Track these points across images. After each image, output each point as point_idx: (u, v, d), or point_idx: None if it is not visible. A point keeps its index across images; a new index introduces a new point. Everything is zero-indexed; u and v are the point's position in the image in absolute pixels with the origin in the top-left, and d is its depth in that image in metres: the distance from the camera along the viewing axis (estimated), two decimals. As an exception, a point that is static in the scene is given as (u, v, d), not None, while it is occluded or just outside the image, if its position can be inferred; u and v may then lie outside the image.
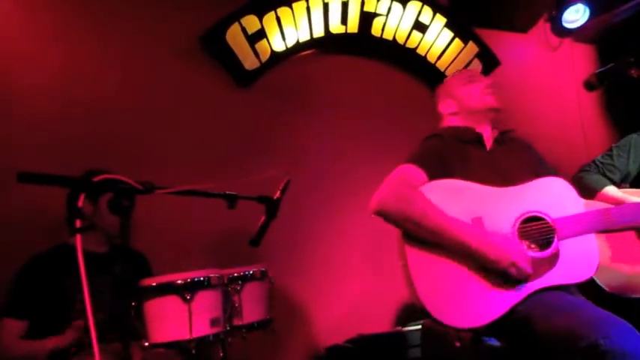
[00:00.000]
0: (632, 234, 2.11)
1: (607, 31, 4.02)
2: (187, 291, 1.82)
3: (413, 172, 1.85)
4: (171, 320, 1.82)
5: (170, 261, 2.40)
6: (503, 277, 1.70)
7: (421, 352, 2.20)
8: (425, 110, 3.54)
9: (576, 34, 4.01)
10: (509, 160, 1.98)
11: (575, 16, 3.83)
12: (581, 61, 4.18)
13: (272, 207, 1.92)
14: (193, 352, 1.83)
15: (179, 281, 1.83)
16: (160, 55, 2.96)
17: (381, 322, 3.18)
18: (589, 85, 1.92)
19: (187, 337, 1.80)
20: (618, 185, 2.38)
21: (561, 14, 3.84)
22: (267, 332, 2.36)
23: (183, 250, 2.71)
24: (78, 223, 1.50)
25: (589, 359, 1.43)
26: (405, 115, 3.48)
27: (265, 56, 3.08)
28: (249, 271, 2.07)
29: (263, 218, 1.95)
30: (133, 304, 1.84)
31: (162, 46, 2.97)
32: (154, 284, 1.85)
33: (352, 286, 3.20)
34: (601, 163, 2.41)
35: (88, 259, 1.44)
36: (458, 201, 1.77)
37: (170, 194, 1.67)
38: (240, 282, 2.05)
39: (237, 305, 2.04)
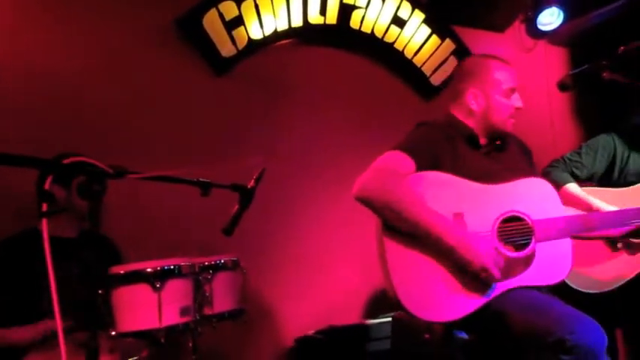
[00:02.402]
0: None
1: (580, 35, 4.09)
2: (157, 279, 1.79)
3: (401, 159, 1.81)
4: (140, 309, 1.79)
5: (141, 248, 2.35)
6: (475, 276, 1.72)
7: (391, 344, 2.21)
8: (401, 105, 3.59)
9: (551, 36, 4.07)
10: (500, 163, 1.96)
11: (550, 19, 3.88)
12: (554, 63, 4.24)
13: (246, 196, 1.89)
14: (162, 341, 1.80)
15: (149, 269, 1.80)
16: (135, 39, 2.88)
17: (352, 314, 3.19)
18: (563, 86, 1.94)
19: (156, 326, 1.77)
20: (585, 183, 2.43)
21: (537, 16, 3.88)
22: (239, 322, 2.34)
23: (155, 237, 2.66)
24: (44, 207, 1.44)
25: (557, 354, 1.48)
26: (382, 109, 3.48)
27: (242, 44, 3.04)
28: (220, 261, 2.05)
29: (236, 207, 1.92)
30: (100, 292, 1.79)
31: (137, 29, 2.89)
32: (123, 272, 1.82)
33: (325, 277, 3.20)
34: (569, 159, 2.47)
35: (57, 245, 1.40)
36: (442, 194, 1.77)
37: (142, 180, 1.62)
38: (211, 271, 2.02)
39: (208, 294, 2.01)
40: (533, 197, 1.85)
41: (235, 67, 3.09)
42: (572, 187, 2.32)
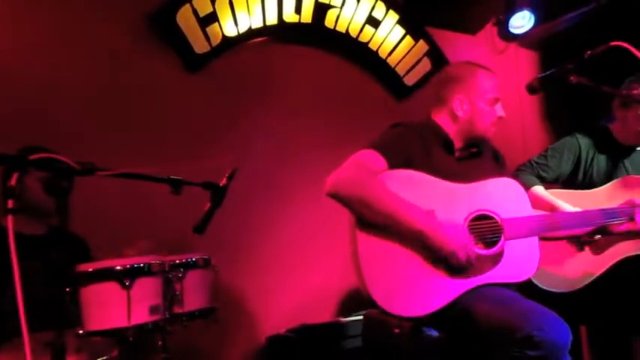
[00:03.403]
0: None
1: (550, 39, 4.18)
2: (126, 277, 1.77)
3: (373, 158, 1.83)
4: (108, 307, 1.76)
5: (111, 246, 2.32)
6: (447, 265, 1.74)
7: (362, 342, 2.23)
8: (375, 104, 3.61)
9: (522, 39, 4.15)
10: (473, 167, 1.99)
11: (522, 22, 3.96)
12: (525, 65, 4.33)
13: (218, 194, 1.88)
14: (131, 339, 1.78)
15: (118, 267, 1.78)
16: (106, 33, 2.83)
17: (326, 312, 3.20)
18: (531, 89, 1.98)
19: (125, 324, 1.75)
20: (551, 185, 2.48)
21: (508, 19, 3.95)
22: (210, 321, 2.33)
23: (125, 235, 2.62)
24: (10, 204, 1.41)
25: (524, 349, 1.51)
26: (356, 108, 3.50)
27: (216, 40, 3.01)
28: (191, 259, 2.04)
29: (208, 205, 1.91)
30: (68, 289, 1.76)
31: (108, 23, 2.84)
32: (92, 270, 1.79)
33: (299, 276, 3.20)
34: (536, 163, 2.52)
35: (23, 242, 1.37)
36: (413, 192, 1.78)
37: (112, 177, 1.60)
38: (182, 269, 2.01)
39: (178, 293, 2.00)
40: (502, 196, 1.89)
41: (209, 64, 3.07)
42: (539, 189, 2.37)
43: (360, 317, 2.20)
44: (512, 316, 1.58)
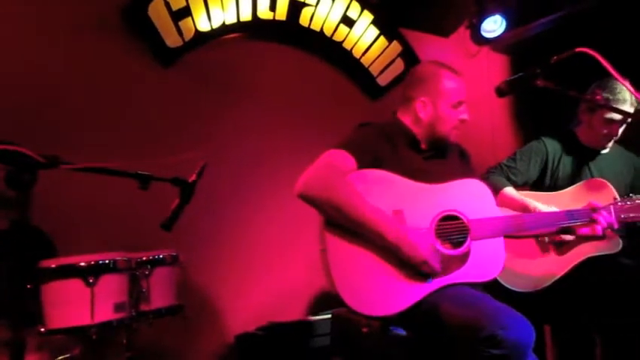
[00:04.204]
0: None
1: (521, 44, 4.25)
2: (91, 274, 1.74)
3: (342, 157, 1.82)
4: (71, 305, 1.73)
5: (75, 242, 2.27)
6: (415, 270, 1.75)
7: (330, 340, 2.23)
8: (349, 103, 3.62)
9: (493, 43, 4.21)
10: (440, 166, 2.00)
11: (494, 27, 4.01)
12: (496, 69, 4.39)
13: (187, 190, 1.84)
14: (94, 337, 1.74)
15: (82, 264, 1.74)
16: (77, 26, 2.77)
17: (295, 311, 3.20)
18: (499, 92, 1.99)
19: (88, 322, 1.72)
20: (520, 188, 2.53)
21: (480, 23, 4.00)
22: (177, 318, 2.30)
23: (90, 231, 2.57)
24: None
25: (487, 348, 1.53)
26: (330, 107, 3.50)
27: (189, 35, 2.98)
28: (159, 255, 2.01)
29: (177, 201, 1.88)
30: (29, 286, 1.72)
31: (80, 15, 2.78)
32: (55, 266, 1.75)
33: (267, 275, 3.19)
34: (506, 166, 2.55)
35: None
36: (383, 191, 1.79)
37: (77, 170, 1.56)
38: (149, 266, 1.98)
39: (144, 290, 1.97)
40: (469, 197, 1.91)
41: (182, 59, 3.03)
42: (510, 190, 2.41)
43: (329, 316, 2.21)
44: (477, 315, 1.59)
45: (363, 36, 3.58)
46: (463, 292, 1.75)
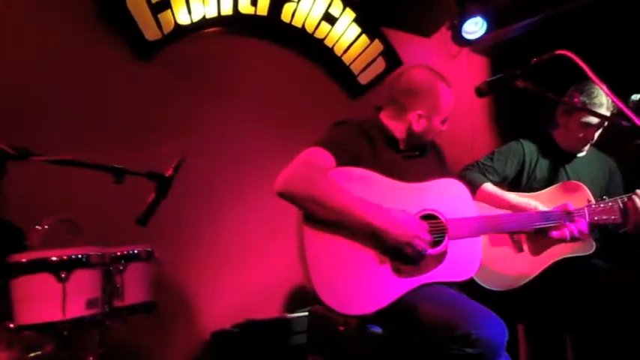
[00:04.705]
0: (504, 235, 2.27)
1: (501, 45, 4.29)
2: (63, 269, 1.70)
3: (321, 155, 1.81)
4: (42, 300, 1.69)
5: (48, 236, 2.21)
6: (397, 260, 1.75)
7: (307, 338, 2.23)
8: (329, 101, 3.61)
9: (474, 44, 4.24)
10: (418, 165, 2.02)
11: (474, 28, 4.05)
12: (476, 70, 4.43)
13: (163, 185, 1.83)
14: (66, 334, 1.71)
15: (54, 258, 1.71)
16: (52, 17, 2.71)
17: (273, 308, 3.18)
18: (479, 92, 2.01)
19: (60, 318, 1.68)
20: (497, 186, 2.55)
21: (462, 24, 4.03)
22: (152, 315, 2.27)
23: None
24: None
25: (462, 347, 1.55)
26: (310, 105, 3.48)
27: (168, 28, 2.93)
28: (133, 251, 1.98)
29: (153, 196, 1.85)
30: (-1, 281, 1.68)
31: (54, 6, 2.72)
32: (25, 260, 1.71)
33: (244, 271, 3.17)
34: (482, 164, 2.58)
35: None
36: (362, 189, 1.78)
37: (48, 163, 1.53)
38: (123, 261, 1.95)
39: (119, 286, 1.94)
40: (447, 196, 1.92)
41: (161, 52, 2.99)
42: (489, 186, 2.44)
43: (306, 313, 2.20)
44: (452, 314, 1.62)
45: (345, 34, 3.58)
46: (439, 292, 1.76)
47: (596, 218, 2.21)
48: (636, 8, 3.32)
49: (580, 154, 2.60)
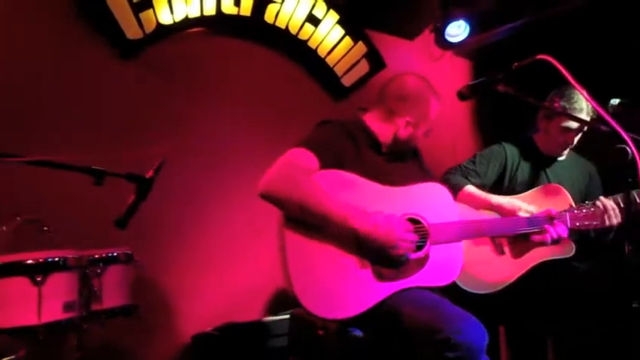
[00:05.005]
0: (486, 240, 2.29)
1: (484, 49, 4.33)
2: (38, 272, 1.67)
3: (305, 156, 1.81)
4: (16, 304, 1.66)
5: (25, 239, 2.17)
6: (380, 264, 1.75)
7: (288, 341, 2.22)
8: (312, 103, 3.61)
9: (457, 48, 4.27)
10: (401, 169, 2.03)
11: (457, 31, 4.07)
12: (459, 73, 4.46)
13: (143, 187, 1.80)
14: (41, 338, 1.68)
15: (29, 261, 1.67)
16: (30, 14, 2.66)
17: (254, 311, 3.16)
18: (461, 95, 2.01)
19: (35, 322, 1.65)
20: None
21: (445, 27, 4.04)
22: (132, 319, 2.23)
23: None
24: None
25: (442, 351, 1.56)
26: (293, 106, 3.47)
27: (150, 27, 2.90)
28: (112, 253, 1.95)
29: (132, 198, 1.81)
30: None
31: (32, 4, 2.68)
32: (-1, 263, 1.67)
33: (225, 274, 3.14)
34: (465, 167, 2.60)
35: None
36: (345, 192, 1.78)
37: (23, 164, 1.50)
38: (101, 264, 1.92)
39: (96, 289, 1.91)
40: (430, 201, 1.92)
41: (141, 52, 2.95)
42: (472, 188, 2.45)
43: (287, 316, 2.19)
44: (433, 318, 1.62)
45: (329, 35, 3.57)
46: (422, 296, 1.77)
47: (577, 224, 2.23)
48: (618, 14, 3.38)
49: (560, 158, 2.63)
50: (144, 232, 2.47)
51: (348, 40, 3.65)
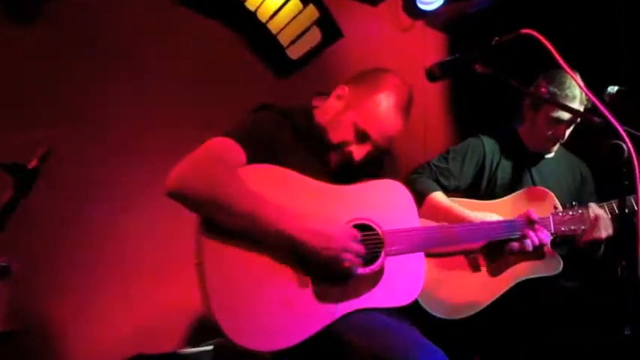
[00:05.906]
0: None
1: (460, 21, 4.41)
2: None
3: (229, 148, 1.80)
4: None
5: None
6: (325, 276, 1.76)
7: (211, 378, 2.21)
8: (250, 80, 3.58)
9: (430, 17, 4.33)
10: (349, 165, 2.02)
11: (431, -2, 4.13)
12: (432, 48, 4.52)
13: (24, 180, 1.76)
14: None
15: None
16: None
17: (169, 341, 3.13)
18: (430, 75, 2.00)
19: None
20: (452, 194, 2.60)
21: (416, -7, 4.10)
22: (8, 349, 2.17)
23: None
24: None
25: None
26: (225, 82, 3.44)
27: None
28: (-20, 266, 1.88)
29: (10, 193, 1.77)
30: None
31: None
32: None
33: (137, 294, 3.08)
34: (435, 166, 2.62)
35: None
36: (278, 192, 1.78)
37: None
38: (-34, 279, 1.84)
39: (-41, 313, 1.83)
40: (385, 203, 1.94)
41: (38, 8, 2.87)
42: (438, 195, 2.47)
43: (211, 347, 2.18)
44: (387, 346, 1.64)
45: (272, -5, 3.55)
46: (372, 319, 1.79)
47: (562, 229, 2.30)
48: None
49: (548, 155, 2.71)
50: (25, 239, 2.39)
51: (295, 2, 3.63)
